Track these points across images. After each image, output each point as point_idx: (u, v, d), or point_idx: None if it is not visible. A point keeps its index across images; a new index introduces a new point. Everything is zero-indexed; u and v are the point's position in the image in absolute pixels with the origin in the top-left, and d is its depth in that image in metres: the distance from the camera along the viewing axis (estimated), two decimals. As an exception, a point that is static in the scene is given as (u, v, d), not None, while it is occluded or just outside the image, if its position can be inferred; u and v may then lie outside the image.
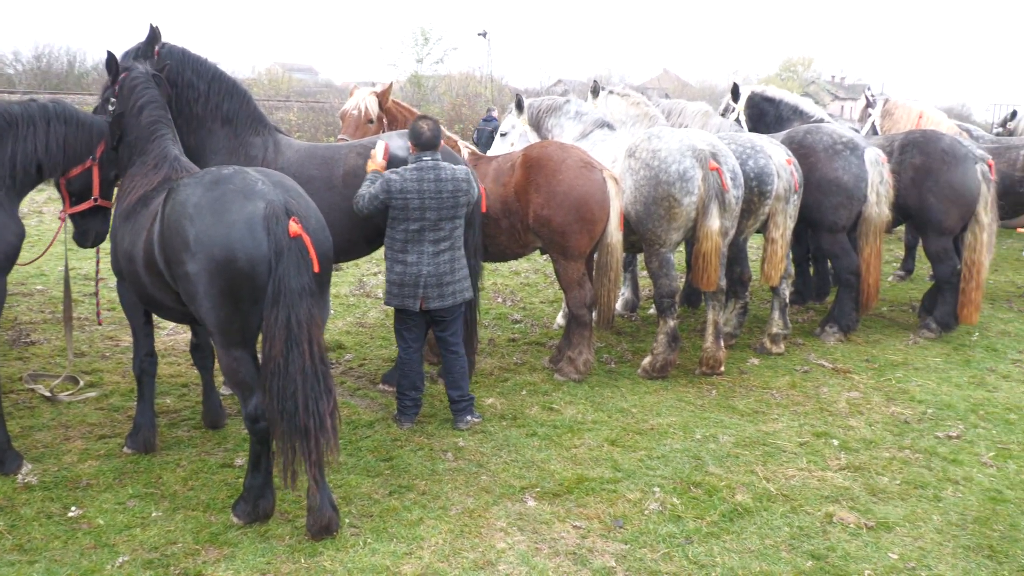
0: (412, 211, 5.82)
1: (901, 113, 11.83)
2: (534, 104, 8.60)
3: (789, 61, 77.30)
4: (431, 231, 5.88)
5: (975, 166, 8.62)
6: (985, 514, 5.20)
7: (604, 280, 7.17)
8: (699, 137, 7.18)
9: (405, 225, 5.86)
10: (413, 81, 35.68)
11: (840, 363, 8.02)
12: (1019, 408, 7.04)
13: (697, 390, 7.22)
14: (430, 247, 5.90)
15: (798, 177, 7.96)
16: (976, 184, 8.60)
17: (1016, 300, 10.93)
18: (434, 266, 5.92)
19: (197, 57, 6.43)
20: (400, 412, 6.25)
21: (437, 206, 5.84)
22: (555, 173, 6.85)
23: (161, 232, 4.58)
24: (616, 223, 6.98)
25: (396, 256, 5.95)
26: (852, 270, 8.53)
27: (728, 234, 7.29)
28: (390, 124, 7.85)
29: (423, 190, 5.81)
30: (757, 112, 10.11)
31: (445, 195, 5.85)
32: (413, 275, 5.91)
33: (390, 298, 6.04)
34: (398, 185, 5.81)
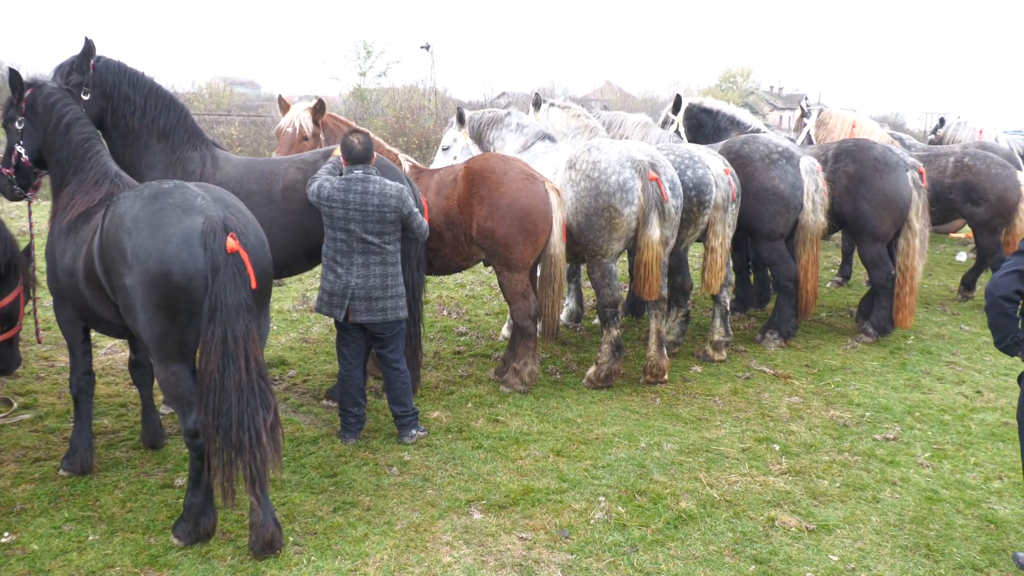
0: (337, 220, 5.83)
1: (835, 123, 12.11)
2: (475, 117, 8.62)
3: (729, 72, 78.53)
4: (358, 243, 5.85)
5: (906, 173, 8.87)
6: (922, 514, 5.33)
7: (548, 291, 7.20)
8: (638, 148, 7.27)
9: (333, 234, 5.88)
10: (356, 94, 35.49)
11: (781, 369, 8.16)
12: (953, 409, 7.23)
13: (641, 399, 7.28)
14: (359, 259, 5.88)
15: (736, 186, 8.10)
16: (908, 191, 8.83)
17: (949, 304, 11.24)
18: (363, 279, 5.88)
19: (134, 71, 6.34)
20: (344, 428, 6.20)
21: (362, 219, 5.81)
22: (498, 185, 6.87)
23: (101, 244, 4.55)
24: (559, 234, 7.03)
25: (329, 264, 5.96)
26: (791, 277, 8.70)
27: (668, 243, 7.38)
28: (328, 140, 7.80)
29: (348, 201, 5.80)
30: (696, 123, 10.27)
31: (370, 208, 5.81)
32: (342, 285, 5.90)
33: (320, 304, 6.03)
34: (326, 192, 5.83)
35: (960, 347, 9.18)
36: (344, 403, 6.17)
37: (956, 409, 7.25)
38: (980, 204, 10.41)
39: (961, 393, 7.69)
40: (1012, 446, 6.45)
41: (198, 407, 4.45)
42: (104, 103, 6.20)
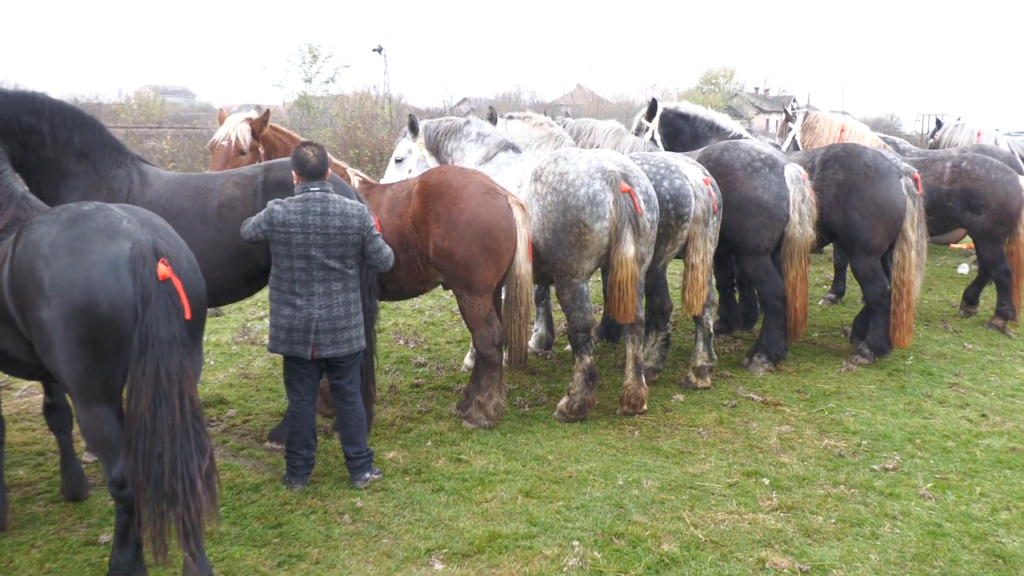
0: (296, 247, 5.79)
1: (822, 126, 12.33)
2: (431, 126, 8.66)
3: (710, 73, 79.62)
4: (320, 270, 5.85)
5: (899, 180, 9.03)
6: (924, 550, 5.39)
7: (514, 315, 7.23)
8: (609, 158, 7.34)
9: (290, 263, 5.82)
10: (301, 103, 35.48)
11: (770, 395, 8.24)
12: (956, 435, 7.34)
13: (618, 432, 7.32)
14: (320, 287, 5.87)
15: (716, 198, 8.20)
16: (901, 199, 9.00)
17: (951, 320, 11.42)
18: (326, 310, 5.89)
19: (25, 94, 6.10)
20: (290, 472, 6.16)
21: (323, 242, 5.82)
22: (456, 201, 6.90)
23: (12, 275, 4.46)
24: (524, 253, 7.07)
25: (284, 298, 5.90)
26: (778, 294, 8.81)
27: (644, 261, 7.45)
28: (268, 154, 7.80)
29: (308, 224, 5.80)
30: (672, 130, 10.40)
31: (332, 230, 5.83)
32: (303, 319, 5.87)
33: (277, 344, 5.98)
34: (280, 217, 5.79)
35: (963, 367, 9.33)
36: (293, 444, 6.14)
37: (960, 435, 7.35)
38: (980, 212, 10.62)
39: (965, 417, 7.81)
40: (1020, 473, 6.56)
41: (125, 454, 4.40)
42: (11, 142, 5.96)
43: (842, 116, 12.85)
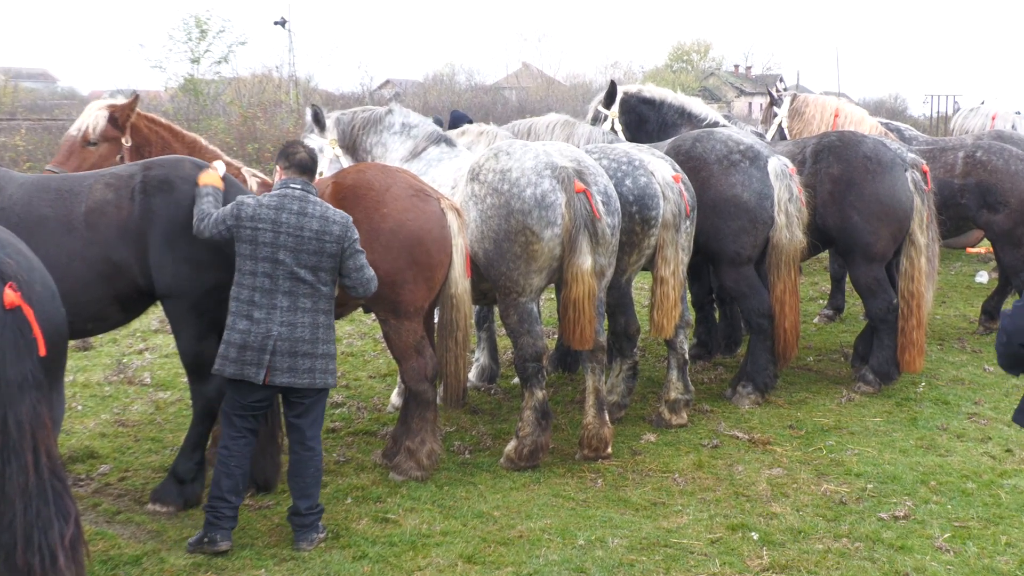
0: (262, 247, 5.88)
1: (813, 111, 12.52)
2: (344, 119, 8.63)
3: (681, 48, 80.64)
4: (287, 279, 5.93)
5: (905, 174, 9.21)
6: (941, 613, 5.48)
7: (450, 343, 7.22)
8: (560, 151, 7.39)
9: (254, 266, 5.91)
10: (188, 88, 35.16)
11: (758, 433, 8.32)
12: (977, 475, 7.47)
13: (578, 481, 7.33)
14: (285, 300, 5.93)
15: (689, 198, 8.28)
16: (908, 196, 9.17)
17: (969, 339, 11.65)
18: (288, 328, 5.94)
19: None
20: (212, 526, 6.05)
21: (295, 247, 5.91)
22: (377, 206, 6.89)
23: None
24: (461, 267, 7.08)
25: (242, 309, 5.95)
26: (763, 312, 8.91)
27: (605, 274, 7.50)
28: (139, 149, 7.72)
29: (280, 222, 5.89)
30: (635, 118, 10.49)
31: (307, 235, 5.92)
32: (260, 336, 5.90)
33: (225, 364, 5.98)
34: (250, 211, 5.89)
35: (984, 393, 9.51)
36: (222, 487, 6.07)
37: (981, 474, 7.48)
38: (999, 210, 10.86)
39: (987, 453, 7.95)
40: (1052, 519, 6.70)
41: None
42: None
43: (836, 99, 13.07)
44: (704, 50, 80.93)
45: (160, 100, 33.60)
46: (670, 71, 71.24)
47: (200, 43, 37.97)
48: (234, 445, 6.11)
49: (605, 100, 10.66)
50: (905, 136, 13.78)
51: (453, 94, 42.74)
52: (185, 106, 32.07)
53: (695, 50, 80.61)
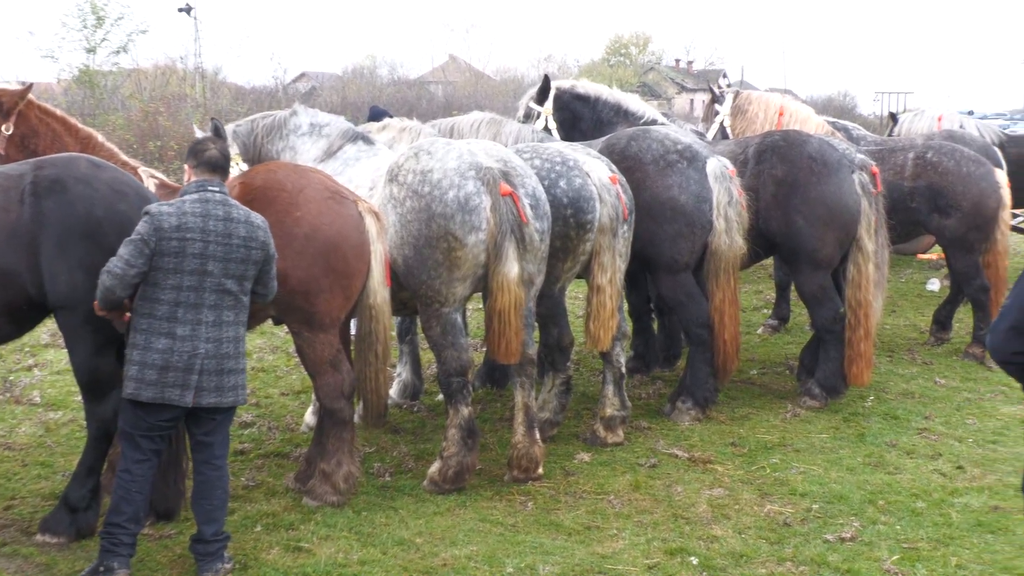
0: (190, 259, 5.81)
1: (756, 109, 12.67)
2: (242, 131, 8.55)
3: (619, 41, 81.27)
4: (213, 292, 5.90)
5: (852, 176, 9.37)
6: (889, 639, 5.58)
7: (368, 357, 7.21)
8: (486, 150, 7.42)
9: (178, 280, 5.82)
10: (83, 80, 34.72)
11: (698, 451, 8.41)
12: (928, 493, 7.62)
13: (507, 504, 7.35)
14: (210, 315, 5.89)
15: (627, 201, 8.34)
16: (855, 199, 9.33)
17: (920, 350, 11.87)
18: (215, 344, 5.91)
19: None
20: (109, 553, 5.95)
21: (224, 256, 5.89)
22: (291, 208, 6.85)
23: None
24: (380, 275, 7.07)
25: (160, 326, 5.84)
26: (702, 322, 9.01)
27: (534, 283, 7.54)
28: (24, 141, 7.62)
29: (208, 231, 5.84)
30: (569, 115, 10.56)
31: (235, 243, 5.91)
32: (186, 354, 5.83)
33: (142, 388, 5.85)
34: (174, 221, 5.79)
35: (935, 407, 9.71)
36: (122, 513, 5.98)
37: (932, 492, 7.63)
38: (951, 214, 11.09)
39: (937, 470, 8.11)
40: (1004, 538, 6.85)
41: None
42: None
43: (781, 96, 13.25)
44: (643, 43, 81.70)
45: (52, 93, 33.07)
46: (607, 65, 71.79)
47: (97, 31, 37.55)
48: (137, 469, 6.02)
49: (538, 96, 10.71)
50: (853, 136, 13.97)
51: (374, 88, 42.73)
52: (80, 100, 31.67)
53: (634, 43, 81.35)
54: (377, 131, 9.24)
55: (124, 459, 6.06)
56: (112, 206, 6.31)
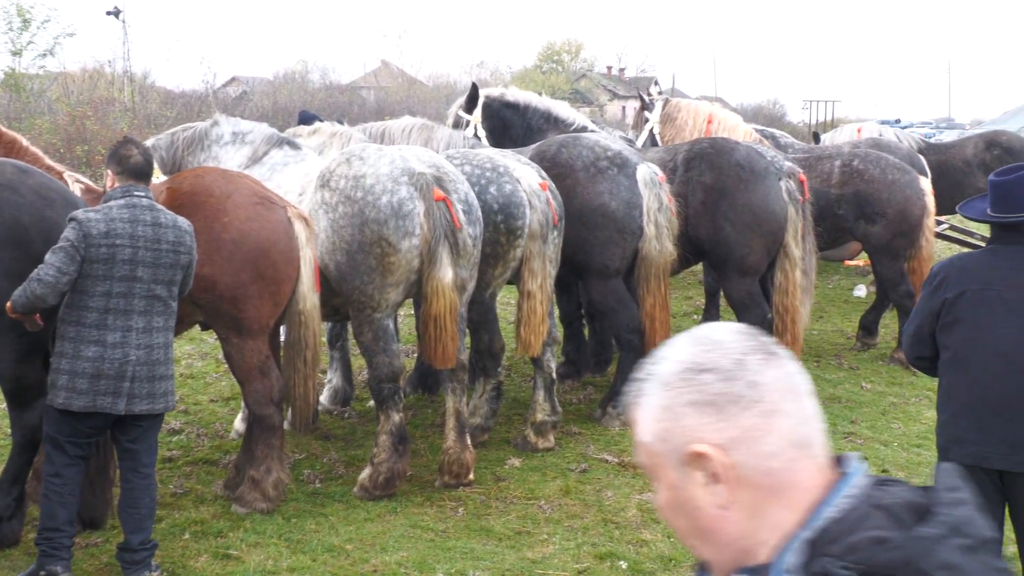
0: (120, 265, 5.79)
1: (685, 116, 12.79)
2: (161, 144, 8.49)
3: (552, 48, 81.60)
4: (143, 298, 5.89)
5: (780, 183, 9.51)
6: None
7: (298, 363, 7.19)
8: (418, 156, 7.43)
9: (108, 287, 5.79)
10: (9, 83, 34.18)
11: (628, 455, 8.44)
12: (853, 496, 7.73)
13: (438, 510, 7.36)
14: (140, 321, 5.88)
15: (557, 207, 8.40)
16: (782, 206, 9.47)
17: (846, 355, 12.06)
18: (146, 351, 5.90)
19: None
20: (50, 557, 5.86)
21: (153, 261, 5.89)
22: (218, 214, 6.81)
23: None
24: (309, 281, 7.05)
25: (89, 334, 5.79)
26: (633, 327, 9.07)
27: (466, 288, 7.56)
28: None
29: (137, 236, 5.84)
30: (499, 123, 10.61)
31: (164, 248, 5.92)
32: (117, 362, 5.79)
33: (73, 397, 5.79)
34: (102, 227, 5.76)
35: (861, 412, 9.87)
36: (56, 518, 5.90)
37: (857, 496, 7.75)
38: (876, 221, 11.27)
39: (863, 474, 8.23)
40: (927, 540, 6.96)
41: None
42: None
43: (710, 104, 13.39)
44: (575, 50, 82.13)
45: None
46: (540, 72, 72.06)
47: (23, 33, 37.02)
48: (67, 472, 5.95)
49: (466, 104, 10.74)
50: (781, 144, 14.17)
51: (306, 93, 42.50)
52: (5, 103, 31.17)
53: (566, 50, 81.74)
54: (308, 135, 9.23)
55: (52, 464, 5.97)
56: (39, 212, 6.23)
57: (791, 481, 1.73)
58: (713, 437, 1.71)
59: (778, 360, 1.78)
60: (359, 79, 66.17)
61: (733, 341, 1.78)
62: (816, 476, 1.75)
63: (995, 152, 15.96)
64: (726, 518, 1.74)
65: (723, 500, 1.73)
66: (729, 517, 1.74)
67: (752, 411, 1.72)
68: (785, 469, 1.73)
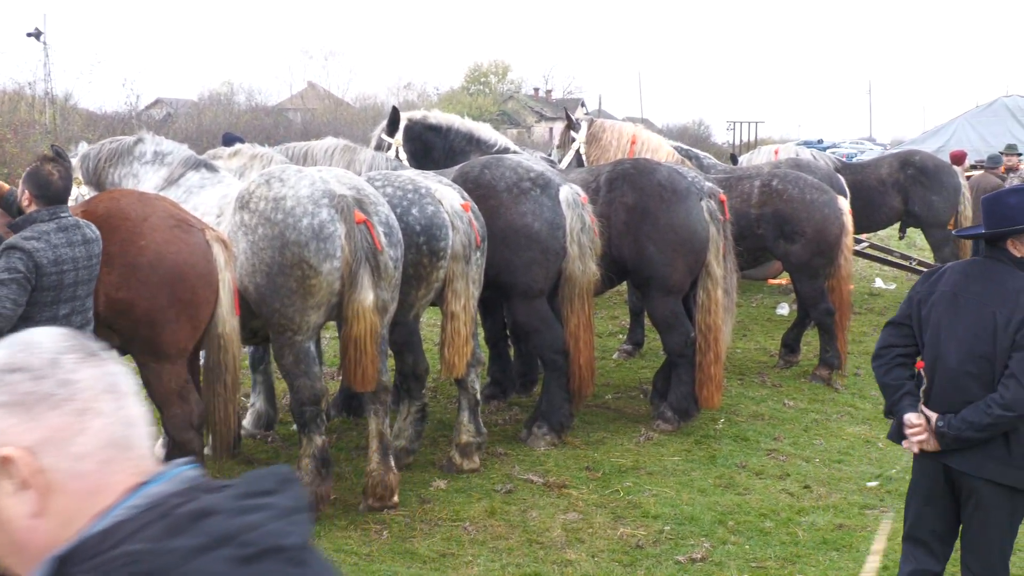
0: (66, 289, 5.89)
1: (610, 137, 12.84)
2: (90, 154, 8.40)
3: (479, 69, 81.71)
4: (79, 315, 6.04)
5: (701, 203, 9.58)
6: (736, 657, 5.68)
7: (217, 388, 7.10)
8: (338, 178, 7.39)
9: (53, 312, 5.84)
10: (-75, 105, 33.60)
11: (553, 476, 8.46)
12: (776, 513, 7.80)
13: (362, 533, 7.30)
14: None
15: (479, 228, 8.39)
16: (703, 226, 9.54)
17: (769, 373, 12.15)
18: None
19: None
20: None
21: (88, 278, 6.06)
22: (135, 237, 6.71)
23: None
24: (228, 304, 6.98)
25: None
26: (557, 348, 9.09)
27: (388, 310, 7.53)
28: None
29: (77, 258, 5.96)
30: (421, 146, 10.59)
31: (93, 263, 6.09)
32: None
33: None
34: (50, 255, 5.80)
35: (783, 429, 9.95)
36: None
37: (779, 512, 7.82)
38: (795, 240, 11.40)
39: (785, 490, 8.31)
40: (848, 555, 7.04)
41: None
42: None
43: (634, 125, 13.46)
44: (502, 72, 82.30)
45: None
46: (467, 94, 72.15)
47: (-61, 55, 36.41)
48: None
49: (388, 128, 10.73)
50: (704, 164, 14.30)
51: (231, 115, 42.13)
52: (-78, 125, 30.65)
53: (493, 72, 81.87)
54: (228, 157, 9.14)
55: None
56: None
57: (105, 486, 1.62)
58: (22, 439, 1.60)
59: (98, 360, 1.69)
60: (285, 101, 65.87)
61: (49, 342, 1.68)
62: (131, 483, 1.65)
63: (909, 171, 16.28)
64: (38, 528, 1.62)
65: (34, 508, 1.61)
66: (41, 527, 1.62)
67: (62, 410, 1.62)
68: (98, 472, 1.62)
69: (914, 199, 16.12)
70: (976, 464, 5.13)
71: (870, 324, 14.93)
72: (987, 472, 5.11)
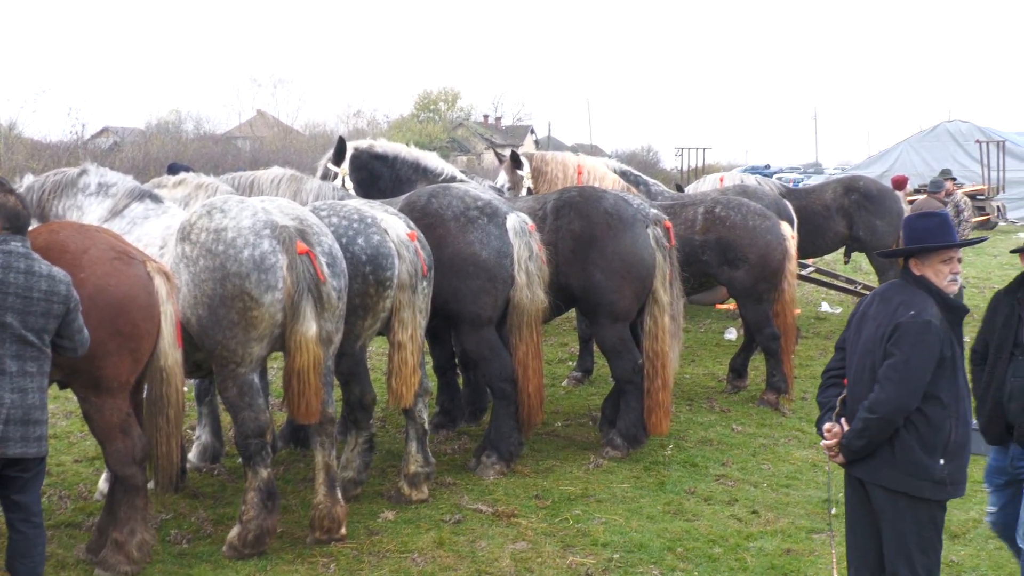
0: None
1: (555, 169, 12.90)
2: (35, 186, 8.29)
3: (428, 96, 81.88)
4: (14, 343, 5.93)
5: (647, 230, 9.63)
6: None
7: (160, 421, 7.03)
8: (281, 209, 7.36)
9: None
10: None
11: (502, 505, 8.43)
12: (724, 539, 7.81)
13: (309, 567, 7.23)
14: (13, 365, 5.93)
15: (426, 257, 8.38)
16: (650, 253, 9.59)
17: (717, 398, 12.20)
18: (20, 394, 5.94)
19: None
20: None
21: (24, 308, 5.93)
22: (74, 270, 6.63)
23: None
24: (171, 337, 6.91)
25: None
26: (506, 376, 9.08)
27: (332, 341, 7.49)
28: None
29: (8, 282, 5.90)
30: (367, 175, 10.60)
31: (37, 295, 5.96)
32: None
33: None
34: None
35: (732, 454, 9.98)
36: None
37: (728, 538, 7.82)
38: (739, 266, 11.47)
39: (734, 516, 8.33)
40: (796, 580, 7.06)
41: None
42: None
43: (575, 156, 13.51)
44: (452, 99, 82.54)
45: None
46: (417, 121, 72.25)
47: None
48: None
49: (334, 157, 10.73)
50: (652, 191, 14.38)
51: (180, 144, 41.90)
52: None
53: (443, 99, 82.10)
54: (173, 186, 9.09)
55: None
56: None
57: None
58: None
59: None
60: (234, 129, 65.68)
61: None
62: None
63: (853, 197, 16.53)
64: None
65: None
66: None
67: None
68: None
69: (858, 224, 16.37)
70: (871, 470, 5.54)
71: (817, 348, 15.09)
72: (880, 478, 5.50)
